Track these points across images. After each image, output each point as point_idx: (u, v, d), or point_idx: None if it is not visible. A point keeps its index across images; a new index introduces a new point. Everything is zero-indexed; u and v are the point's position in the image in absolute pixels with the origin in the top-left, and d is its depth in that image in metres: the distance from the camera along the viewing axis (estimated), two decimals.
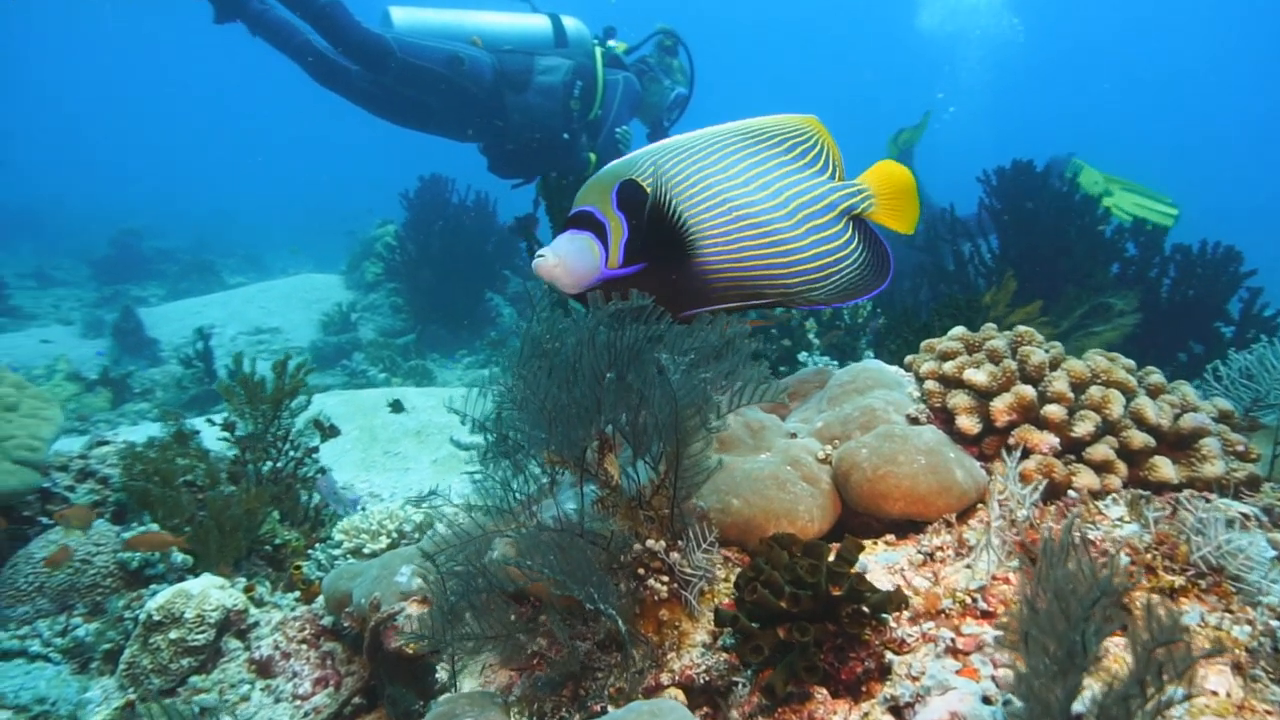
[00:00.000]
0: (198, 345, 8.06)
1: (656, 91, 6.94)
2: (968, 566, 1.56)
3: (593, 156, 6.45)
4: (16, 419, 3.12)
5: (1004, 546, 1.54)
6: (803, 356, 4.56)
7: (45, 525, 3.25)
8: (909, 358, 2.12)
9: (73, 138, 40.41)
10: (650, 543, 1.63)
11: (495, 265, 9.85)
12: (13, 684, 2.51)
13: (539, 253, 1.71)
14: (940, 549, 1.64)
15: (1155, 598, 1.39)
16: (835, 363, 4.57)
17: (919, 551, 1.66)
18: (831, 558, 1.47)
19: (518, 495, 1.86)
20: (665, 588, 1.60)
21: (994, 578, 1.50)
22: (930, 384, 1.98)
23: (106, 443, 3.83)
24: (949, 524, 1.70)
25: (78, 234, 16.89)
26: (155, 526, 3.05)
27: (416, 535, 3.14)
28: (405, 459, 5.56)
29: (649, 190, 1.67)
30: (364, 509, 3.57)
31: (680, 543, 1.67)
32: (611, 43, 6.79)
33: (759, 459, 1.90)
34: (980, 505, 1.77)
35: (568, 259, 1.69)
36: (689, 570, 1.60)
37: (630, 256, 1.70)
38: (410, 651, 2.15)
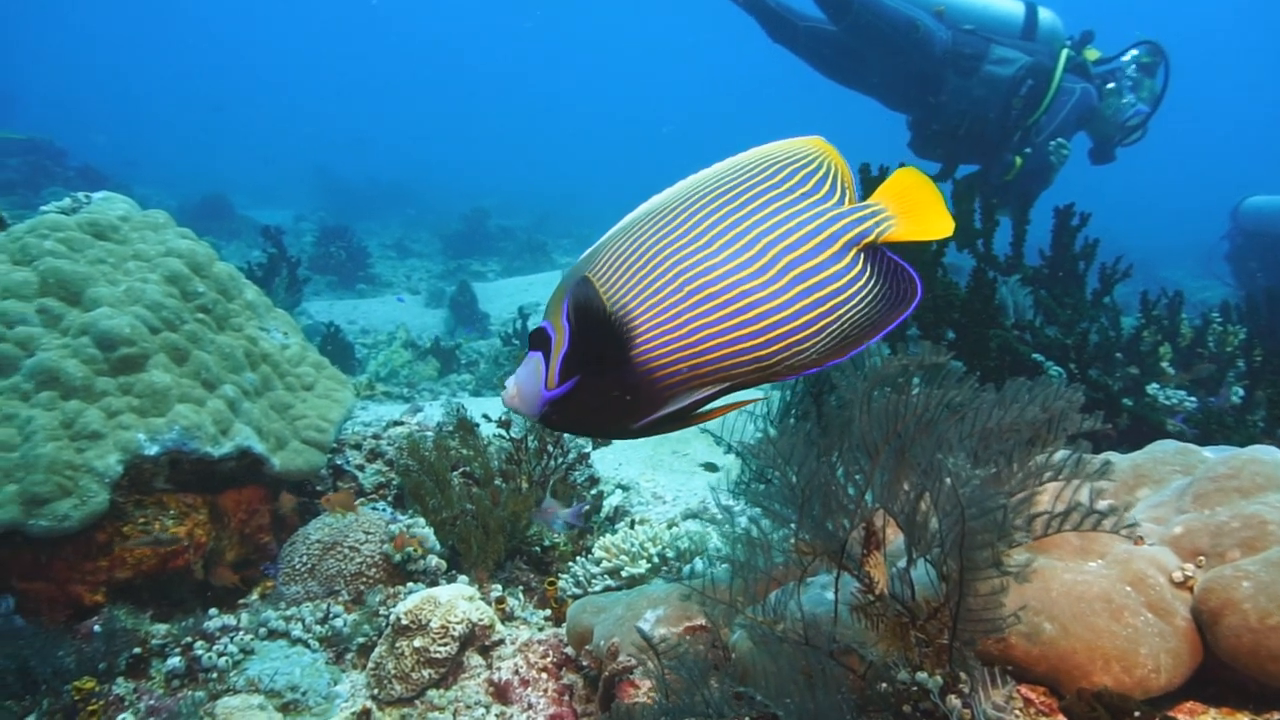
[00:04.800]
0: (516, 323, 8.37)
1: (1114, 105, 6.20)
2: None
3: (1018, 160, 5.93)
4: (311, 399, 3.20)
5: None
6: (1153, 390, 3.82)
7: None
8: None
9: (457, 120, 44.78)
10: (921, 676, 1.23)
11: None
12: (271, 666, 2.54)
13: (505, 383, 1.56)
14: None
15: None
16: (1193, 400, 3.78)
17: None
18: None
19: (763, 568, 1.53)
20: None
21: None
22: None
23: (401, 423, 3.92)
24: None
25: (439, 209, 18.46)
26: (422, 520, 3.02)
27: (678, 564, 2.89)
28: (693, 460, 5.36)
29: (596, 286, 1.44)
30: (633, 522, 3.37)
31: (962, 675, 1.26)
32: (1087, 49, 6.16)
33: (1086, 568, 1.43)
34: None
35: (523, 387, 1.51)
36: None
37: (566, 371, 1.47)
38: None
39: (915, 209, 1.49)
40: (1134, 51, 6.22)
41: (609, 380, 1.45)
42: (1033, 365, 3.40)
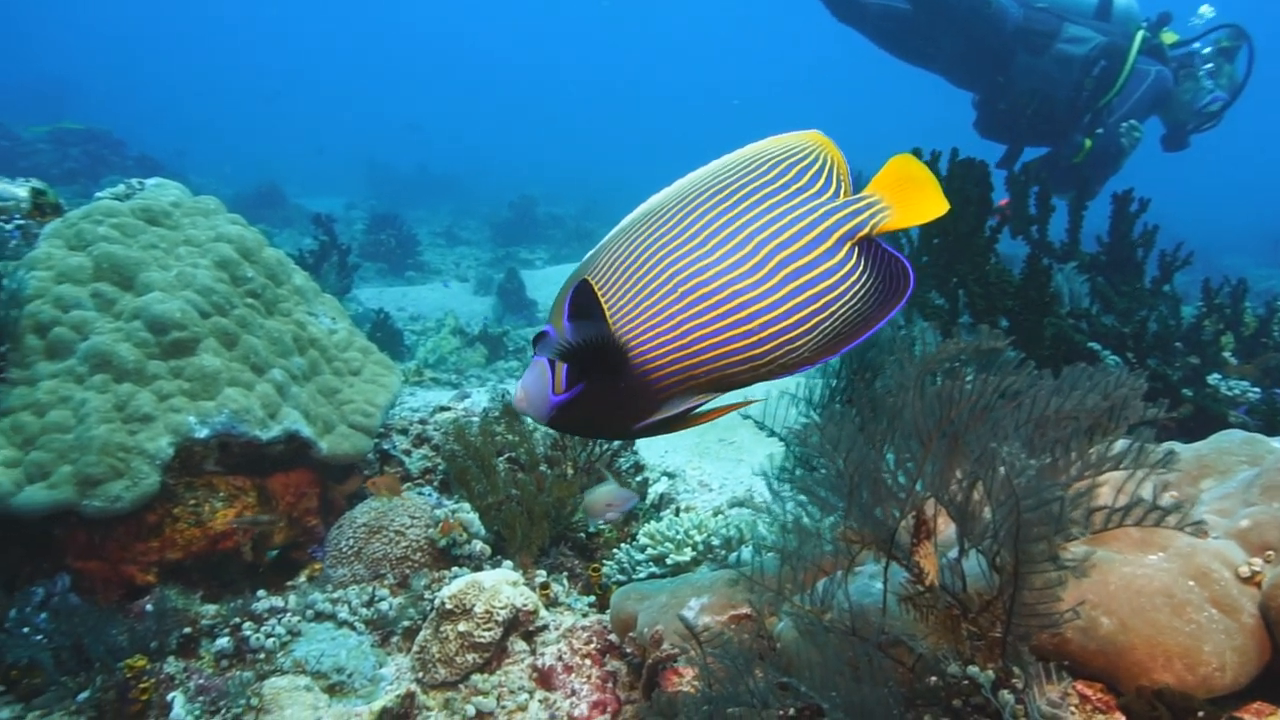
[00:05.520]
0: None
1: (1191, 90, 6.00)
2: None
3: (1087, 143, 5.79)
4: (358, 383, 3.22)
5: None
6: (1214, 380, 3.70)
7: None
8: None
9: (507, 108, 45.07)
10: (973, 670, 1.19)
11: None
12: (317, 648, 2.56)
13: (517, 386, 1.60)
14: None
15: None
16: (1257, 391, 3.66)
17: None
18: None
19: (808, 558, 1.50)
20: None
21: None
22: None
23: (447, 409, 3.94)
24: None
25: (488, 197, 18.55)
26: (468, 505, 3.02)
27: (723, 552, 2.86)
28: (740, 449, 5.33)
29: (596, 290, 1.45)
30: (678, 510, 3.35)
31: (1015, 670, 1.22)
32: (1164, 32, 6.00)
33: (1146, 561, 1.38)
34: None
35: (530, 391, 1.52)
36: None
37: (571, 376, 1.49)
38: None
39: (909, 195, 1.47)
40: (1214, 34, 6.03)
41: (609, 385, 1.46)
42: (1089, 354, 3.32)
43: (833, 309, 1.40)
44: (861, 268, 1.43)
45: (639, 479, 3.69)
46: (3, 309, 2.62)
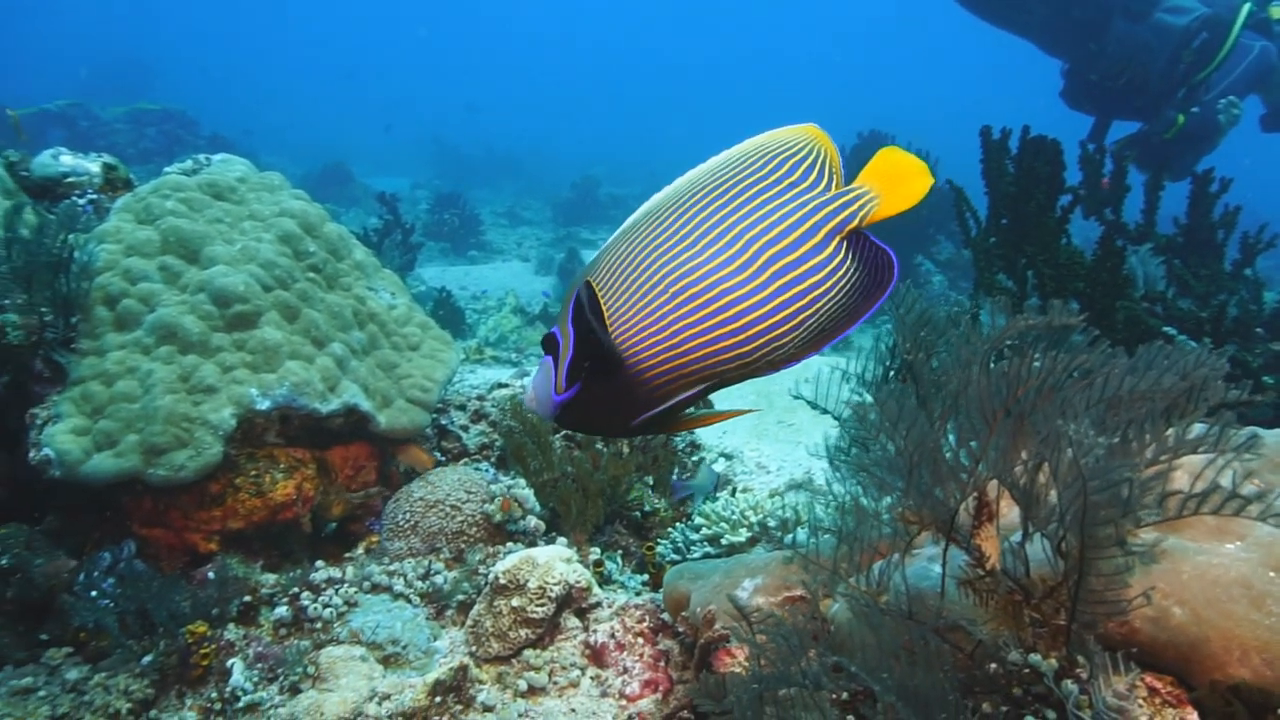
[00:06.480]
0: None
1: None
2: None
3: (1180, 119, 5.58)
4: (416, 358, 3.24)
5: None
6: None
7: (440, 460, 3.39)
8: None
9: (571, 89, 45.17)
10: (1034, 658, 1.15)
11: (928, 228, 9.17)
12: (373, 619, 2.58)
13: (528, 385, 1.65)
14: None
15: None
16: None
17: None
18: None
19: (864, 541, 1.46)
20: None
21: None
22: None
23: (505, 386, 3.94)
24: None
25: (550, 178, 18.61)
26: (523, 481, 3.03)
27: (779, 533, 2.83)
28: (798, 430, 5.28)
29: (597, 292, 1.48)
30: (734, 490, 3.32)
31: (1079, 659, 1.17)
32: (1272, 6, 5.76)
33: (1222, 550, 1.32)
34: None
35: (537, 390, 1.55)
36: (1087, 718, 1.10)
37: (573, 376, 1.51)
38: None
39: (897, 183, 1.47)
40: None
41: (604, 385, 1.49)
42: (1163, 339, 3.20)
43: (819, 305, 1.41)
44: (849, 262, 1.43)
45: (695, 459, 3.67)
46: (74, 281, 2.67)
